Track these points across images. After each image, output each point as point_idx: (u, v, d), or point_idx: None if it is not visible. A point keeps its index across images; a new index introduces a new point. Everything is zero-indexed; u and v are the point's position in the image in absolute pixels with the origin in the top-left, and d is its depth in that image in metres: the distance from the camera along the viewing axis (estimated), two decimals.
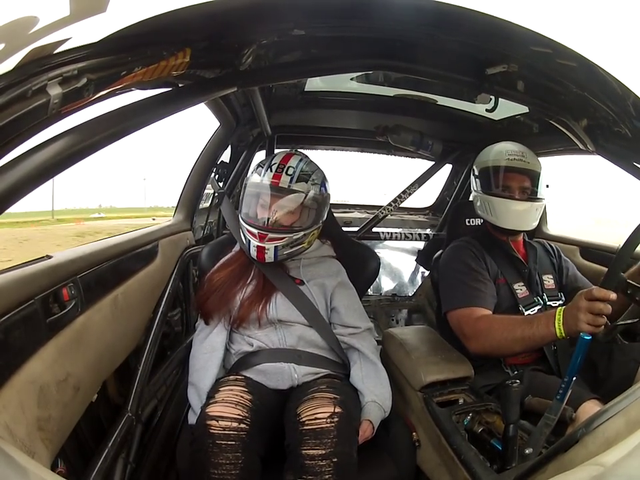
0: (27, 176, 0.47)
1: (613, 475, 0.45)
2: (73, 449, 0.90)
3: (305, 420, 0.90)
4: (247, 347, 1.13)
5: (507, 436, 0.86)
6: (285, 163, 1.15)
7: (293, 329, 1.14)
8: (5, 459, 0.44)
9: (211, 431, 0.87)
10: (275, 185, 1.13)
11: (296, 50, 0.99)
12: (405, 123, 1.85)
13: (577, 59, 0.68)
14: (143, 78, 0.63)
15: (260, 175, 1.16)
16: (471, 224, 1.58)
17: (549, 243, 1.46)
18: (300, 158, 1.19)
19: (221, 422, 0.88)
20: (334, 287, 1.22)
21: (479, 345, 1.12)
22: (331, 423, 0.88)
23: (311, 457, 0.86)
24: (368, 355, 1.15)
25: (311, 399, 0.96)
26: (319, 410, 0.91)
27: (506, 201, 1.27)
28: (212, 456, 0.85)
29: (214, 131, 1.72)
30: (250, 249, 1.14)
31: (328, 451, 0.86)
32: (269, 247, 1.12)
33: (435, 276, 1.47)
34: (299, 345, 1.13)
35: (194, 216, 1.74)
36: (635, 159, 0.97)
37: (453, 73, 1.00)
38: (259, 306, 1.14)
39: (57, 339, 0.78)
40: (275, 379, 1.07)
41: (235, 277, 1.19)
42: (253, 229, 1.12)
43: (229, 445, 0.86)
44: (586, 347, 0.80)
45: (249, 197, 1.19)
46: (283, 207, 1.14)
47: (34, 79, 0.47)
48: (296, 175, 1.14)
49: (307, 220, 1.16)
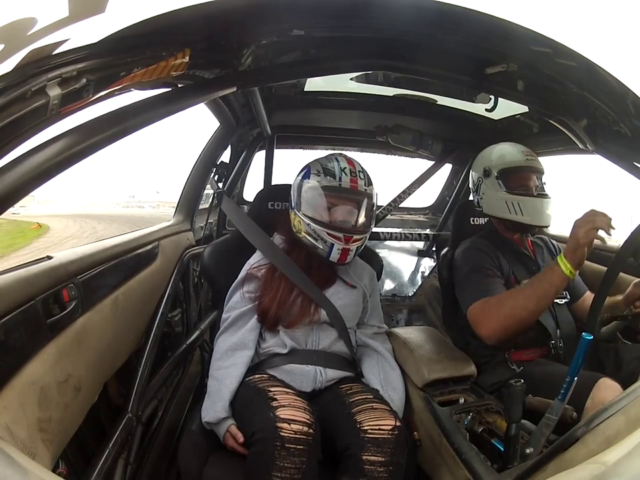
0: (26, 176, 0.47)
1: (613, 473, 0.45)
2: (73, 449, 0.90)
3: (368, 429, 0.92)
4: (279, 348, 1.13)
5: (509, 435, 0.86)
6: (354, 168, 1.19)
7: (330, 331, 1.16)
8: (6, 460, 0.44)
9: (282, 434, 0.86)
10: (354, 190, 1.16)
11: (295, 50, 0.99)
12: (404, 123, 1.85)
13: (576, 59, 0.68)
14: (143, 78, 0.63)
15: (335, 179, 1.16)
16: (475, 222, 1.58)
17: (551, 241, 1.47)
18: (357, 161, 1.22)
19: (293, 425, 0.87)
20: (371, 287, 1.29)
21: (493, 323, 1.13)
22: (392, 435, 0.92)
23: (371, 463, 0.89)
24: (388, 359, 1.20)
25: (371, 408, 0.97)
26: (383, 422, 0.93)
27: (535, 199, 1.31)
28: (278, 459, 0.84)
29: (214, 131, 1.72)
30: (332, 253, 1.15)
31: (387, 459, 0.89)
32: (353, 248, 1.16)
33: (444, 274, 1.47)
34: (330, 347, 1.15)
35: (194, 216, 1.74)
36: (635, 158, 0.97)
37: (453, 72, 1.00)
38: (313, 307, 1.15)
39: (58, 339, 0.78)
40: (299, 380, 1.08)
41: (291, 280, 1.17)
42: (337, 233, 1.14)
43: (297, 449, 0.86)
44: (587, 346, 0.80)
45: (321, 200, 1.17)
46: (364, 209, 1.19)
47: (33, 80, 0.47)
48: (366, 178, 1.19)
49: (372, 219, 1.23)
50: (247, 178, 2.17)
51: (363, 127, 2.03)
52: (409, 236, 2.19)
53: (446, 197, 2.42)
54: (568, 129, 1.07)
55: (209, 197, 1.92)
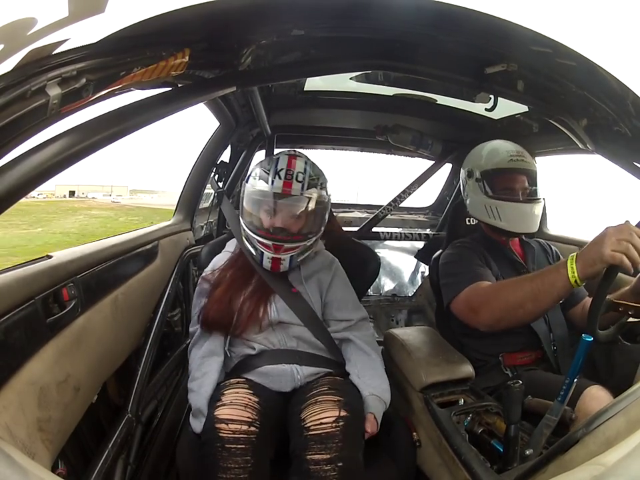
0: (26, 176, 0.47)
1: (613, 474, 0.45)
2: (73, 449, 0.90)
3: (310, 425, 0.89)
4: (248, 350, 1.11)
5: (508, 436, 0.86)
6: (292, 168, 1.09)
7: (291, 329, 1.13)
8: (6, 459, 0.44)
9: (220, 435, 0.84)
10: (287, 194, 1.08)
11: (295, 50, 0.98)
12: (404, 122, 1.86)
13: (576, 59, 0.68)
14: (142, 78, 0.63)
15: (267, 182, 1.09)
16: (470, 223, 1.57)
17: (548, 243, 1.45)
18: (305, 161, 1.14)
19: (230, 425, 0.85)
20: (329, 281, 1.20)
21: (488, 312, 1.06)
22: (336, 427, 0.87)
23: (315, 462, 0.84)
24: (361, 346, 1.13)
25: (314, 402, 0.94)
26: (324, 415, 0.89)
27: (516, 204, 1.25)
28: (221, 460, 0.83)
29: (214, 131, 1.72)
30: (263, 261, 1.10)
31: (333, 455, 0.84)
32: (285, 257, 1.09)
33: (434, 277, 1.46)
34: (298, 345, 1.12)
35: (194, 216, 1.74)
36: (635, 158, 0.97)
37: (453, 72, 1.00)
38: (261, 310, 1.11)
39: (57, 339, 0.78)
40: (277, 380, 1.06)
41: (237, 285, 1.14)
42: (266, 241, 1.08)
43: (238, 448, 0.83)
44: (587, 348, 0.80)
45: (255, 204, 1.11)
46: (296, 215, 1.10)
47: (33, 80, 0.47)
48: (306, 181, 1.09)
49: (317, 224, 1.14)
50: None
51: (363, 126, 2.03)
52: (408, 236, 2.19)
53: (446, 197, 2.42)
54: (568, 128, 1.07)
55: (209, 196, 1.92)
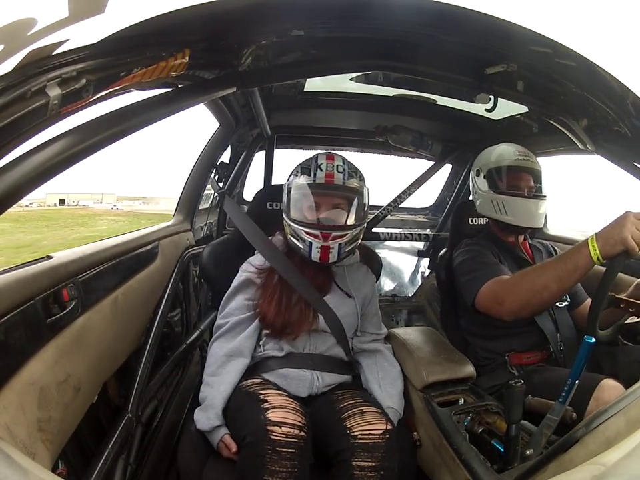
0: (26, 176, 0.47)
1: (613, 474, 0.45)
2: (73, 450, 0.90)
3: (358, 434, 0.91)
4: (275, 352, 1.11)
5: (509, 436, 0.86)
6: (332, 162, 1.15)
7: (327, 336, 1.15)
8: (6, 460, 0.44)
9: (272, 437, 0.84)
10: (329, 183, 1.12)
11: (295, 50, 0.99)
12: (404, 123, 1.85)
13: (576, 59, 0.68)
14: (142, 79, 0.63)
15: (310, 175, 1.14)
16: (474, 223, 1.57)
17: (552, 245, 1.46)
18: (341, 158, 1.19)
19: (283, 428, 0.86)
20: (370, 296, 1.26)
21: (515, 297, 1.08)
22: (383, 439, 0.90)
23: (361, 468, 0.88)
24: (389, 358, 1.19)
25: (360, 413, 0.96)
26: (373, 426, 0.92)
27: (522, 199, 1.30)
28: (269, 463, 0.83)
29: (214, 131, 1.72)
30: (312, 252, 1.11)
31: (377, 464, 0.88)
32: (334, 246, 1.11)
33: (442, 275, 1.46)
34: (327, 351, 1.14)
35: (194, 216, 1.74)
36: (635, 158, 0.97)
37: (453, 72, 1.00)
38: (310, 316, 1.12)
39: (57, 339, 0.78)
40: (294, 384, 1.06)
41: (288, 291, 1.14)
42: (314, 230, 1.10)
43: (289, 452, 0.84)
44: (589, 349, 0.79)
45: (300, 198, 1.15)
46: (341, 204, 1.14)
47: (33, 80, 0.47)
48: (346, 171, 1.14)
49: (359, 215, 1.16)
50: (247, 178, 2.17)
51: (363, 127, 2.03)
52: (408, 236, 2.19)
53: (446, 198, 2.42)
54: (568, 129, 1.07)
55: (209, 197, 1.92)
